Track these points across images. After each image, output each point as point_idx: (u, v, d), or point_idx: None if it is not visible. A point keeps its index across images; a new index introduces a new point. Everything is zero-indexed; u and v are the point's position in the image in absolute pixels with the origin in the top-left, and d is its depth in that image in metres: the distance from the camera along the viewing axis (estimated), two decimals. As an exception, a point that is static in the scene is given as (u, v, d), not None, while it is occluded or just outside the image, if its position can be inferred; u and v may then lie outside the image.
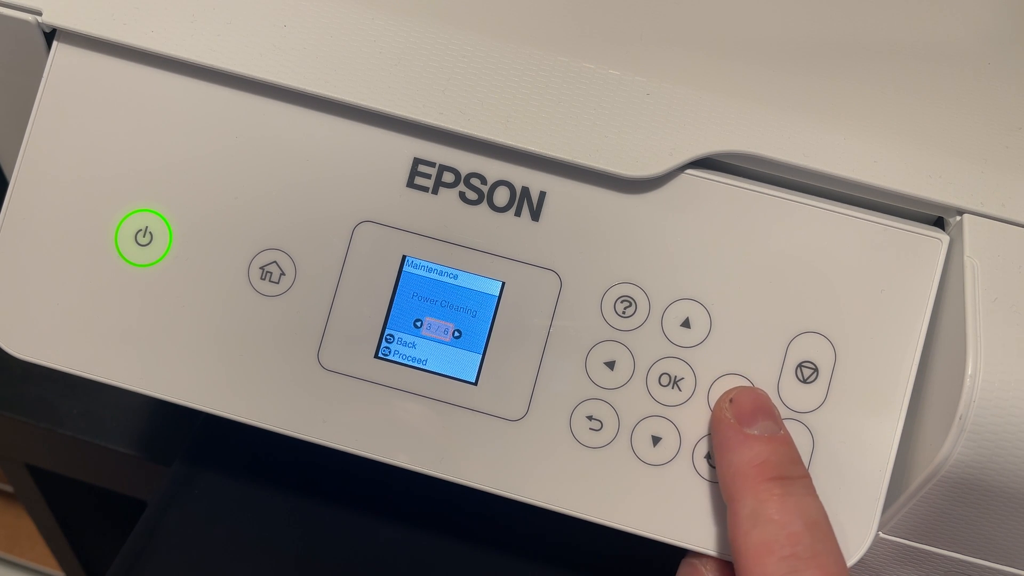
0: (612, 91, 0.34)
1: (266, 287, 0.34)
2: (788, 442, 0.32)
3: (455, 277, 0.34)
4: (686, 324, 0.34)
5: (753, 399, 0.33)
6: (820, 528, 0.30)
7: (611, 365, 0.34)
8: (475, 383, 0.34)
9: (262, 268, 0.34)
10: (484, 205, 0.34)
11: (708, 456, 0.33)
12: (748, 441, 0.32)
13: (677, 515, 0.33)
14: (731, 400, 0.33)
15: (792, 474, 0.31)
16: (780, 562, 0.29)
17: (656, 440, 0.34)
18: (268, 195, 0.34)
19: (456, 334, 0.34)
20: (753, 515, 0.30)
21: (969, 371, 0.30)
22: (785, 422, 0.33)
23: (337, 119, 0.34)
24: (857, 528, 0.33)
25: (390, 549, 0.44)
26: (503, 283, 0.34)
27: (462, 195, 0.34)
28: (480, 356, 0.34)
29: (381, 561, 0.43)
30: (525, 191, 0.34)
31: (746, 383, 0.33)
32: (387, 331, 0.34)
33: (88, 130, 0.34)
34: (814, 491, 0.31)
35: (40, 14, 0.34)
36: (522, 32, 0.35)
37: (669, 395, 0.34)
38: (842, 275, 0.33)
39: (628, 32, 0.37)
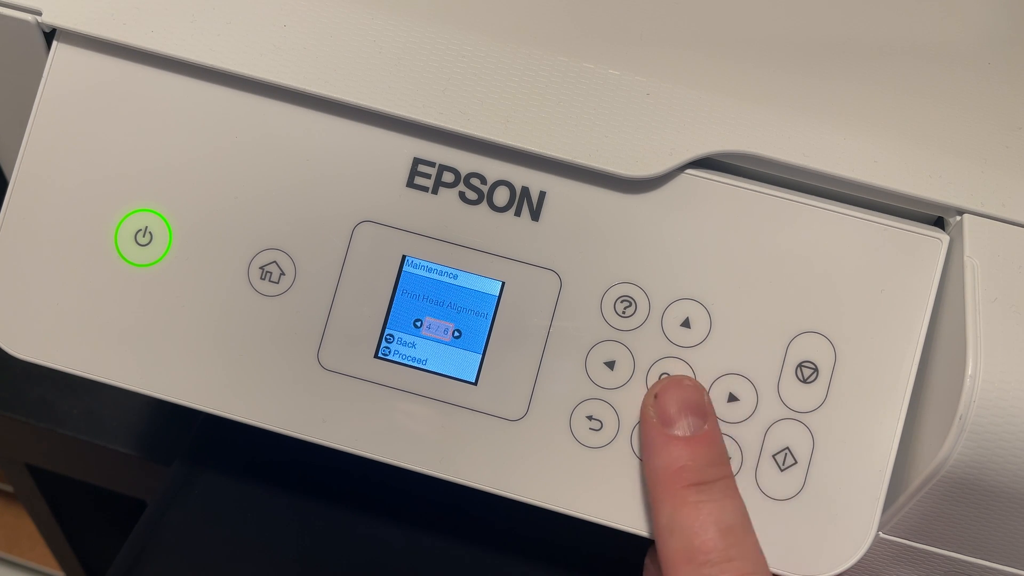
0: (612, 91, 0.34)
1: (266, 287, 0.34)
2: (710, 440, 0.32)
3: (455, 277, 0.34)
4: (686, 324, 0.34)
5: (678, 394, 0.32)
6: (734, 532, 0.30)
7: (611, 365, 0.34)
8: (475, 383, 0.34)
9: (262, 268, 0.34)
10: (484, 205, 0.34)
11: (708, 456, 0.33)
12: (668, 444, 0.31)
13: (677, 515, 0.33)
14: (655, 396, 0.33)
15: (709, 478, 0.31)
16: (694, 570, 0.30)
17: (656, 440, 0.34)
18: (268, 195, 0.34)
19: (456, 334, 0.34)
20: (670, 523, 0.30)
21: (969, 371, 0.30)
22: (785, 422, 0.33)
23: (337, 119, 0.34)
24: (857, 528, 0.33)
25: (390, 549, 0.44)
26: (503, 283, 0.34)
27: (462, 195, 0.34)
28: (480, 356, 0.34)
29: (381, 561, 0.44)
30: (525, 191, 0.34)
31: (746, 383, 0.33)
32: (387, 331, 0.34)
33: (88, 130, 0.34)
34: (733, 492, 0.31)
35: (40, 14, 0.34)
36: (522, 32, 0.35)
37: (669, 395, 0.34)
38: (842, 275, 0.33)
39: (628, 32, 0.37)
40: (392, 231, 0.34)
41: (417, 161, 0.34)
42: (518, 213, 0.34)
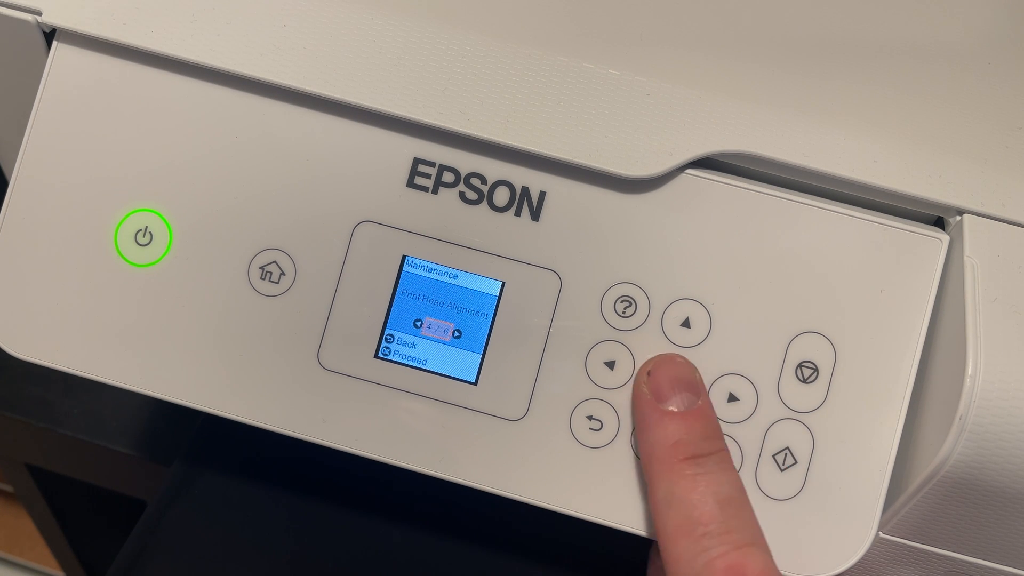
0: (612, 91, 0.34)
1: (266, 287, 0.34)
2: (704, 415, 0.32)
3: (455, 277, 0.34)
4: (686, 324, 0.34)
5: (670, 371, 0.33)
6: (732, 504, 0.30)
7: (611, 365, 0.34)
8: (475, 383, 0.34)
9: (262, 268, 0.34)
10: (484, 205, 0.34)
11: (708, 456, 0.33)
12: (663, 419, 0.32)
13: (677, 515, 0.33)
14: (648, 373, 0.33)
15: (705, 451, 0.31)
16: (693, 543, 0.29)
17: (656, 440, 0.34)
18: (268, 195, 0.34)
19: (456, 334, 0.34)
20: (667, 498, 0.31)
21: (969, 371, 0.30)
22: (785, 422, 0.33)
23: (337, 119, 0.34)
24: (857, 528, 0.33)
25: (389, 549, 0.44)
26: (503, 283, 0.34)
27: (462, 195, 0.34)
28: (480, 356, 0.34)
29: (380, 561, 0.44)
30: (525, 191, 0.34)
31: (746, 383, 0.33)
32: (387, 331, 0.34)
33: (88, 130, 0.34)
34: (729, 465, 0.31)
35: (40, 14, 0.34)
36: (522, 32, 0.35)
37: (669, 395, 0.34)
38: (842, 275, 0.33)
39: (628, 32, 0.37)
40: (392, 231, 0.34)
41: (417, 161, 0.34)
42: (518, 213, 0.34)
